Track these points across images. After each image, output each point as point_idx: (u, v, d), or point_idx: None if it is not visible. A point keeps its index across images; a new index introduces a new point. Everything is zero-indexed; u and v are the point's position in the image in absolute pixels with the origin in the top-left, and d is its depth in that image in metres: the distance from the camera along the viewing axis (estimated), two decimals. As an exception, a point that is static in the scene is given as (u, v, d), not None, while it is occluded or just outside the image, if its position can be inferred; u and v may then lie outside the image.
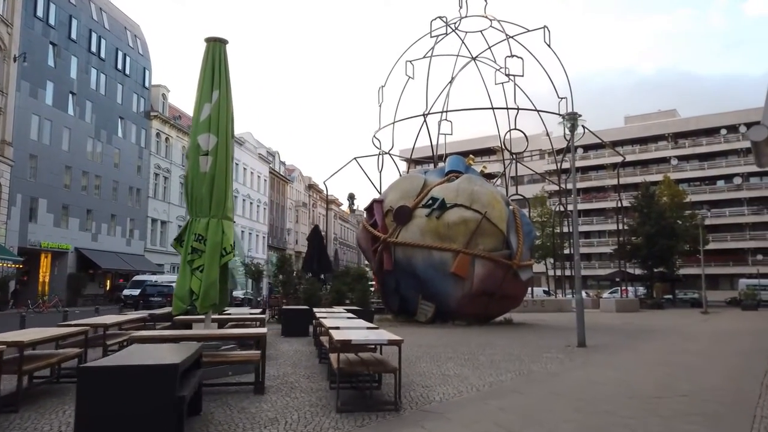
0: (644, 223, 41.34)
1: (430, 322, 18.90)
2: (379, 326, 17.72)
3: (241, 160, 62.90)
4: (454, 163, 21.12)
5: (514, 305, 20.51)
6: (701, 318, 25.92)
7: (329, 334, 6.46)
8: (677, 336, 15.71)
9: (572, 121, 12.54)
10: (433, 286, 18.65)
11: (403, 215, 19.09)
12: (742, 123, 58.56)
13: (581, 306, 12.07)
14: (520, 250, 19.10)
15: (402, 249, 18.99)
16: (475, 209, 18.82)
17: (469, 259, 18.26)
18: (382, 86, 37.81)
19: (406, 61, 36.54)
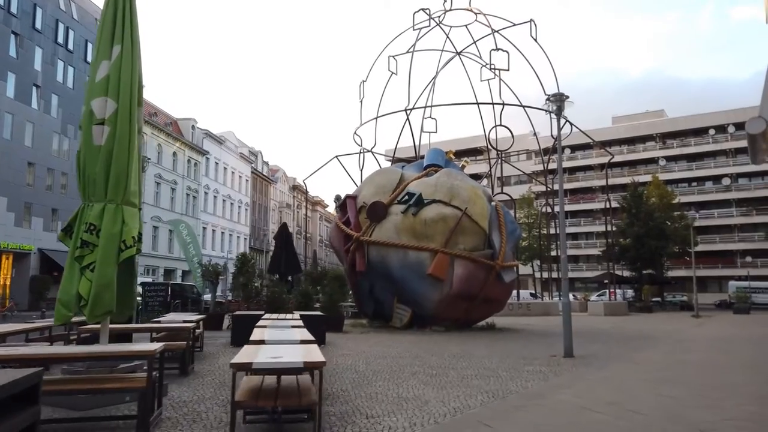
0: (633, 224, 40.23)
1: (406, 327, 17.44)
2: (349, 332, 16.37)
3: (221, 159, 61.22)
4: (433, 157, 19.69)
5: (497, 309, 19.10)
6: (694, 322, 24.70)
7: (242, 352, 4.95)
8: (673, 343, 14.37)
9: (559, 103, 11.14)
10: (409, 289, 17.20)
11: (377, 212, 17.63)
12: (731, 123, 57.82)
13: (568, 311, 10.67)
14: (503, 249, 17.70)
15: (376, 248, 17.52)
16: (455, 205, 17.41)
17: (447, 260, 16.84)
18: (363, 81, 36.36)
19: (389, 56, 35.13)
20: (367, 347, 11.62)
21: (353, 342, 12.81)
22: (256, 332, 6.58)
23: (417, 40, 34.50)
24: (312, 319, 11.40)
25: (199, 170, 56.39)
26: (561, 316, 27.48)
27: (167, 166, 49.97)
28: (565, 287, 10.82)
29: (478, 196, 17.96)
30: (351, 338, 13.88)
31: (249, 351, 4.67)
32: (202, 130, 57.57)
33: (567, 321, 10.59)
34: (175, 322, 8.77)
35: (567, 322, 10.59)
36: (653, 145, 62.10)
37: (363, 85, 36.99)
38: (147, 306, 17.20)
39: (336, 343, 12.32)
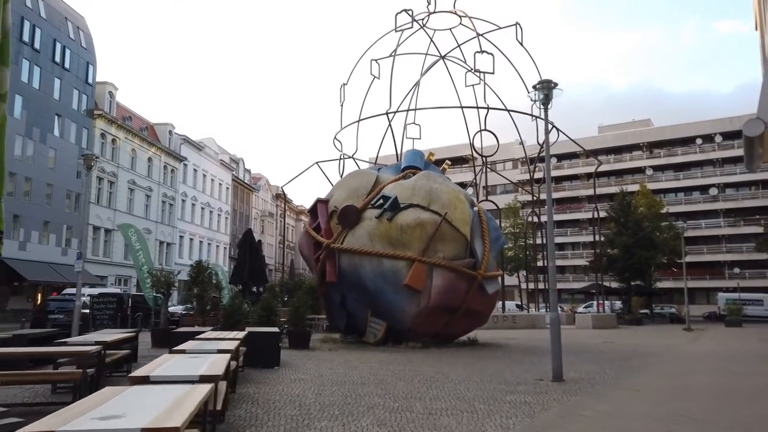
0: (621, 234, 39.10)
1: (380, 343, 15.95)
2: (317, 349, 14.77)
3: (200, 165, 59.50)
4: (411, 158, 18.29)
5: (480, 323, 17.67)
6: (688, 336, 23.45)
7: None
8: (673, 362, 13.02)
9: (546, 91, 9.79)
10: (383, 301, 15.72)
11: (348, 217, 16.17)
12: (718, 132, 57.26)
13: (558, 327, 9.25)
14: (486, 258, 16.30)
15: (348, 257, 16.05)
16: (434, 210, 16.00)
17: (425, 269, 15.40)
18: (343, 84, 35.03)
19: (371, 60, 33.83)
20: (328, 369, 10.12)
21: (315, 362, 11.29)
22: (157, 361, 5.06)
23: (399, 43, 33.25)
24: (264, 337, 9.90)
25: (176, 177, 54.60)
26: (548, 329, 26.16)
27: (141, 172, 48.16)
28: (554, 300, 9.42)
29: (460, 200, 16.57)
30: (314, 357, 12.35)
31: (91, 402, 3.14)
32: (180, 136, 55.86)
33: (556, 339, 9.18)
34: (84, 343, 7.20)
35: (556, 340, 9.18)
36: (640, 155, 61.36)
37: (343, 89, 35.62)
38: (95, 319, 15.52)
39: (293, 364, 10.79)
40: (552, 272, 9.55)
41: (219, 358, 5.29)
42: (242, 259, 16.49)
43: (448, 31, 36.03)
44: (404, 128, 33.70)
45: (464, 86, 34.07)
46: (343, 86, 34.82)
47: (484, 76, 32.00)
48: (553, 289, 9.46)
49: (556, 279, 9.67)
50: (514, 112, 32.84)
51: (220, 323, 13.86)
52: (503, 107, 32.94)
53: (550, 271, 9.52)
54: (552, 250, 9.70)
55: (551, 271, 9.52)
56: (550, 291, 9.51)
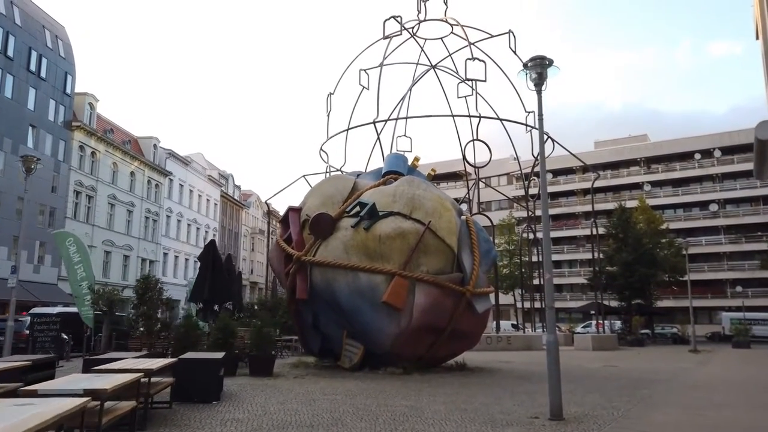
0: (621, 250, 37.43)
1: (356, 368, 14.17)
2: (282, 375, 12.84)
3: (186, 180, 57.87)
4: (393, 163, 16.67)
5: (470, 345, 15.91)
6: (696, 359, 21.68)
7: None
8: (690, 391, 11.28)
9: (540, 69, 8.20)
10: (359, 321, 13.98)
11: (321, 226, 14.49)
12: (717, 147, 56.02)
13: (556, 353, 7.54)
14: (475, 273, 14.63)
15: (320, 270, 14.33)
16: (416, 219, 14.36)
17: (406, 284, 13.69)
18: (330, 93, 33.62)
19: (360, 70, 32.41)
20: (278, 405, 8.35)
21: (267, 395, 9.51)
22: None
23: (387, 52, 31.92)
24: (199, 365, 8.11)
25: (160, 192, 52.88)
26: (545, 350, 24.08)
27: (123, 186, 46.43)
28: (551, 320, 7.71)
29: (445, 208, 14.92)
30: (272, 387, 10.57)
31: None
32: (166, 150, 54.26)
33: (554, 368, 7.46)
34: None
35: (554, 369, 7.46)
36: (637, 170, 60.00)
37: (330, 98, 34.19)
38: (36, 342, 13.69)
39: (239, 397, 9.01)
40: (549, 286, 7.86)
41: (58, 405, 3.56)
42: (203, 273, 14.75)
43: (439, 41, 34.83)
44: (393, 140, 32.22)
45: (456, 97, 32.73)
46: (330, 96, 33.43)
47: (476, 84, 30.63)
48: (550, 307, 7.76)
49: (553, 295, 7.99)
50: (507, 121, 31.48)
51: (171, 347, 12.08)
52: (495, 116, 31.55)
53: (547, 284, 7.84)
54: (548, 259, 8.02)
55: (548, 285, 7.84)
56: (547, 309, 7.82)
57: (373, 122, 30.42)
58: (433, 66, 34.75)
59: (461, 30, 32.82)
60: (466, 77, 30.45)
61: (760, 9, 27.32)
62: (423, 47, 34.13)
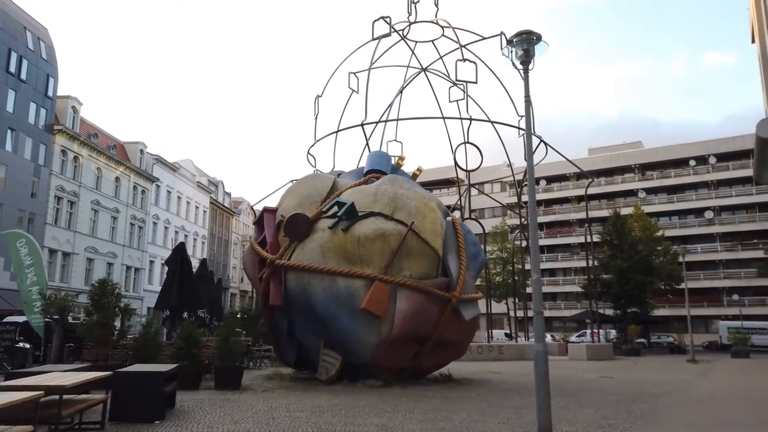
0: (615, 257, 36.54)
1: (333, 381, 13.15)
2: (250, 389, 11.62)
3: (174, 187, 56.80)
4: (375, 161, 15.73)
5: (456, 355, 14.91)
6: (695, 369, 20.74)
7: None
8: (695, 406, 10.32)
9: (526, 45, 7.29)
10: (336, 329, 12.98)
11: (296, 227, 13.51)
12: (712, 154, 55.43)
13: (544, 365, 6.59)
14: (462, 277, 13.66)
15: (295, 275, 13.34)
16: (399, 219, 13.41)
17: (387, 290, 12.72)
18: (318, 96, 32.74)
19: (349, 73, 31.58)
20: (230, 424, 7.34)
21: (223, 412, 8.50)
22: None
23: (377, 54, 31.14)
24: (138, 378, 7.10)
25: (147, 198, 51.78)
26: None
27: (108, 192, 45.32)
28: (540, 327, 6.75)
29: (430, 208, 13.98)
30: (233, 403, 9.55)
31: None
32: (153, 156, 53.21)
33: (543, 382, 6.49)
34: None
35: (543, 384, 6.49)
36: (632, 177, 59.31)
37: (317, 101, 33.32)
38: (-13, 353, 12.61)
39: (189, 415, 7.99)
40: (537, 288, 6.91)
41: None
42: (170, 279, 13.74)
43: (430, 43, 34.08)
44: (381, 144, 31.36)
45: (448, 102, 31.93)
46: (318, 98, 32.56)
47: (467, 87, 29.84)
48: (538, 312, 6.81)
49: (541, 299, 7.03)
50: (498, 123, 30.67)
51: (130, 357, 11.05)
52: (487, 119, 30.77)
53: (534, 286, 6.89)
54: (536, 257, 7.07)
55: (535, 287, 6.89)
56: (535, 315, 6.86)
57: (361, 124, 29.55)
58: (424, 69, 33.97)
59: (452, 32, 32.08)
60: (456, 78, 29.70)
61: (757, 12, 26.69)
62: (414, 50, 33.38)
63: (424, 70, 34.11)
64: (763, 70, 27.03)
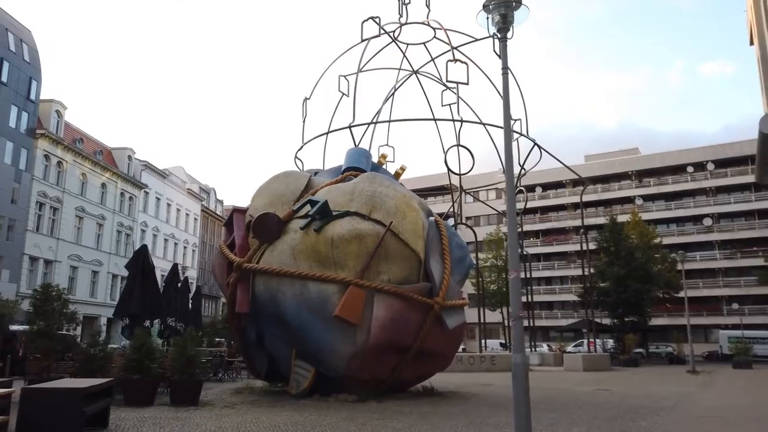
0: (612, 264, 35.52)
1: (305, 394, 12.09)
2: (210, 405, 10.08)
3: (164, 194, 55.75)
4: (354, 158, 14.76)
5: (440, 366, 13.85)
6: (697, 381, 19.68)
7: None
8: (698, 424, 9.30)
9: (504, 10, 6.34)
10: (308, 339, 11.94)
11: (266, 227, 12.49)
12: (710, 160, 54.61)
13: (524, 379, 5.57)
14: (446, 282, 12.67)
15: (264, 280, 12.32)
16: (376, 219, 12.41)
17: (363, 296, 11.71)
18: (306, 98, 31.82)
19: (339, 76, 30.67)
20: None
21: (168, 430, 7.43)
22: None
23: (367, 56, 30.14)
24: (49, 397, 6.03)
25: (135, 205, 50.71)
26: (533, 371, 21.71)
27: (93, 198, 44.25)
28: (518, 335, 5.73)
29: (411, 207, 12.98)
30: (181, 422, 8.48)
31: None
32: (141, 162, 52.20)
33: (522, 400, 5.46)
34: None
35: (522, 401, 5.46)
36: (629, 184, 58.40)
37: (305, 104, 32.34)
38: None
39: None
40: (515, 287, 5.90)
41: None
42: (131, 285, 12.70)
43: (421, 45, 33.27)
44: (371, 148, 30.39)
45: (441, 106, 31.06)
46: (306, 101, 31.64)
47: (458, 88, 28.97)
48: (516, 317, 5.79)
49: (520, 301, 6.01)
50: (491, 125, 29.72)
51: (77, 369, 9.99)
52: (479, 121, 29.87)
53: (512, 285, 5.89)
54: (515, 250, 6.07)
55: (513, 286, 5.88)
56: (512, 320, 5.84)
57: (349, 127, 28.56)
58: (415, 71, 33.12)
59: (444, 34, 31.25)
60: (447, 79, 28.85)
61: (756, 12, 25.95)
62: (405, 52, 32.55)
63: (416, 72, 33.26)
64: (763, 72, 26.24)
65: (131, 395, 9.97)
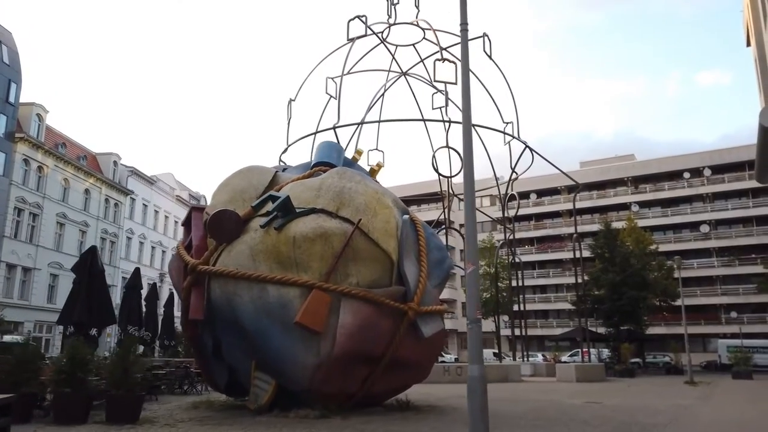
0: (607, 270, 34.46)
1: (264, 410, 10.96)
2: (150, 423, 8.44)
3: (151, 201, 54.65)
4: (325, 153, 13.69)
5: (416, 378, 12.69)
6: (695, 393, 18.57)
7: None
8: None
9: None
10: (268, 348, 10.83)
11: (222, 225, 11.42)
12: (706, 166, 53.75)
13: (481, 399, 4.45)
14: (421, 286, 11.59)
15: (220, 283, 11.22)
16: (344, 217, 11.35)
17: (328, 300, 10.63)
18: (291, 99, 30.89)
19: (327, 78, 29.75)
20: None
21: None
22: None
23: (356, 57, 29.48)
24: None
25: (120, 212, 49.57)
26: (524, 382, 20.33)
27: (76, 204, 43.12)
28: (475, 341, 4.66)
29: (383, 204, 11.92)
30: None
31: None
32: (128, 168, 51.11)
33: (478, 419, 4.36)
34: None
35: (478, 420, 4.36)
36: (624, 190, 57.49)
37: (290, 105, 31.46)
38: None
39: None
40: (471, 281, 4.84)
41: None
42: (77, 289, 11.61)
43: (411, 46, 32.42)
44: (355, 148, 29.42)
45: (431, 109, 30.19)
46: (291, 102, 30.70)
47: (446, 87, 28.09)
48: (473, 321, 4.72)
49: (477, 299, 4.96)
50: (480, 126, 28.79)
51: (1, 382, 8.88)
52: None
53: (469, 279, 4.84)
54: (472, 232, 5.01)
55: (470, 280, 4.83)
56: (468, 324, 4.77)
57: (333, 128, 27.63)
58: (404, 73, 32.34)
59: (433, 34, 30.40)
60: (434, 79, 27.97)
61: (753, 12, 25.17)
62: (394, 54, 31.74)
63: (404, 74, 32.50)
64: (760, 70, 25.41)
65: (61, 412, 8.88)
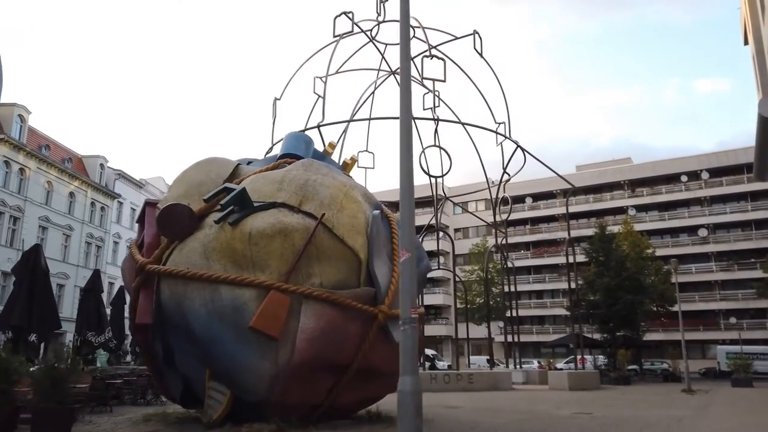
0: (602, 274, 33.49)
1: (217, 424, 9.94)
2: None
3: (140, 204, 53.49)
4: (291, 144, 12.74)
5: (388, 387, 11.59)
6: (692, 402, 17.56)
7: None
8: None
9: None
10: (221, 355, 9.84)
11: (174, 220, 10.45)
12: (704, 169, 52.90)
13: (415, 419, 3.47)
14: (393, 287, 10.59)
15: (170, 284, 10.24)
16: (307, 212, 10.40)
17: (286, 303, 9.65)
18: (276, 98, 30.00)
19: (314, 77, 28.88)
20: None
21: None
22: None
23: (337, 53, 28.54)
24: None
25: (107, 215, 48.64)
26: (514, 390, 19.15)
27: (60, 208, 42.19)
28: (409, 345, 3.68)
29: (351, 198, 10.96)
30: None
31: None
32: (115, 171, 50.22)
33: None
34: None
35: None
36: (621, 194, 56.60)
37: (276, 104, 30.55)
38: None
39: None
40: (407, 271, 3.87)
41: None
42: (17, 291, 10.62)
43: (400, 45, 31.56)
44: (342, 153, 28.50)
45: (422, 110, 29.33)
46: (276, 101, 29.81)
47: (434, 85, 27.25)
48: (406, 321, 3.75)
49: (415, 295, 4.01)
50: (469, 125, 27.92)
51: None
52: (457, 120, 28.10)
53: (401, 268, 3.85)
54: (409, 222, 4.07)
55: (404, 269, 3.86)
56: (402, 324, 3.79)
57: (317, 126, 26.70)
58: (393, 72, 31.44)
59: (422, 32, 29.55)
60: (423, 77, 27.11)
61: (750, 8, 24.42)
62: (384, 53, 30.92)
63: (393, 73, 31.59)
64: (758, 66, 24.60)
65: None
